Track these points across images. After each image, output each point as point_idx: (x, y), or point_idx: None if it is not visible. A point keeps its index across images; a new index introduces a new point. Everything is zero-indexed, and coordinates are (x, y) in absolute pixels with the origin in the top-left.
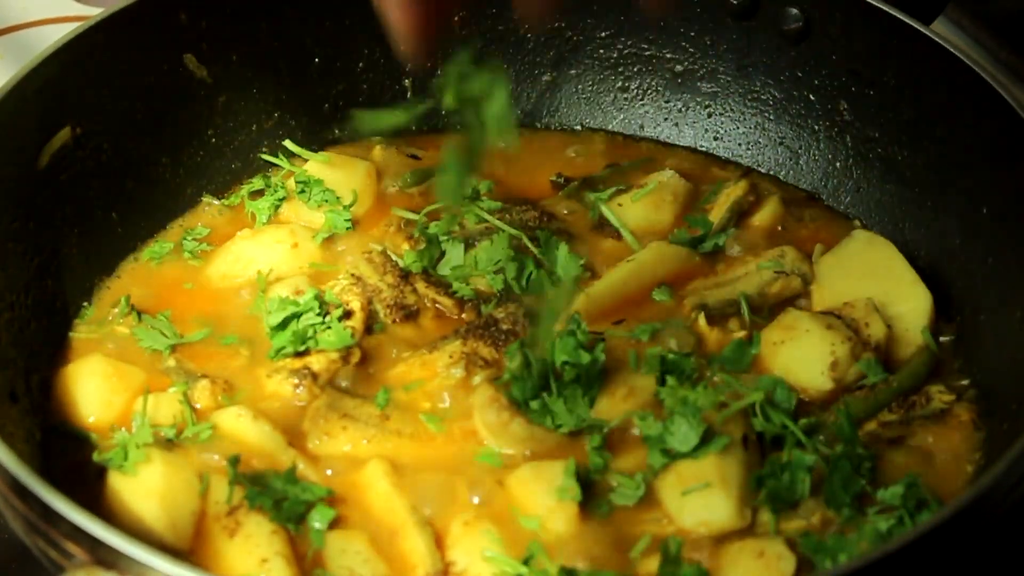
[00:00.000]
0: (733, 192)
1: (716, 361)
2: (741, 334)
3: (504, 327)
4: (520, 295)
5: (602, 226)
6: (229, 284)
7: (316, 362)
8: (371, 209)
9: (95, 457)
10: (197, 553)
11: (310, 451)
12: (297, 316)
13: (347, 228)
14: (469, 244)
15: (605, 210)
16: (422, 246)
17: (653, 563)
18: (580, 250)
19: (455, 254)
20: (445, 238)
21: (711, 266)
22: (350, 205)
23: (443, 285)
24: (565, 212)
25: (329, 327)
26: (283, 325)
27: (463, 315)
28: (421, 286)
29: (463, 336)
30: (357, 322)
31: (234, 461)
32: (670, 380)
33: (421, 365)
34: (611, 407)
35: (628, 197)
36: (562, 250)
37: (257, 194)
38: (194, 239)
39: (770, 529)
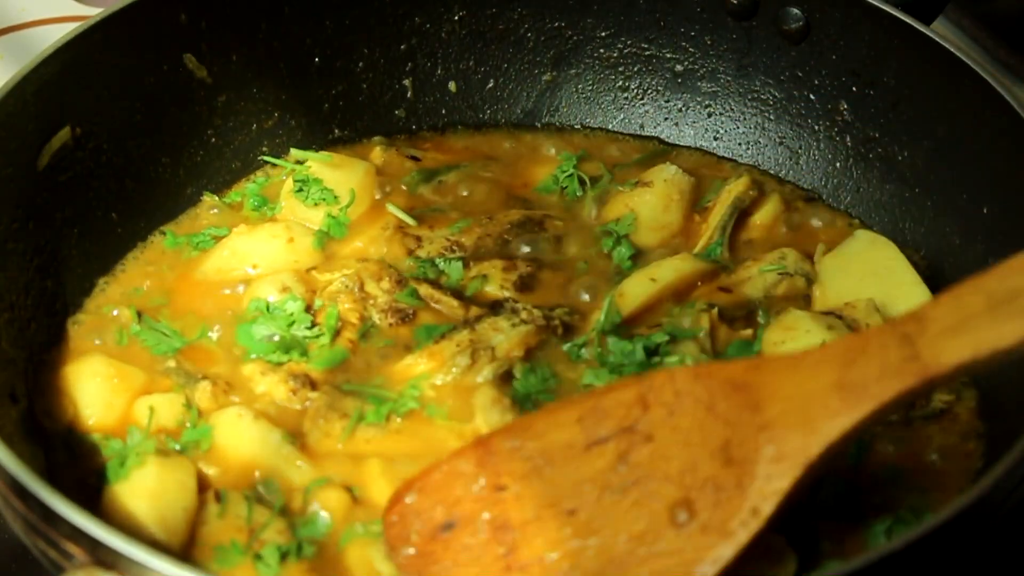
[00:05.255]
0: (735, 188)
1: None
2: (746, 334)
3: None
4: (520, 295)
5: (602, 226)
6: (224, 278)
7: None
8: (369, 209)
9: (95, 470)
10: (195, 552)
11: (310, 451)
12: (287, 326)
13: (344, 227)
14: (467, 259)
15: (608, 210)
16: (420, 262)
17: None
18: (580, 251)
19: (454, 273)
20: (442, 260)
21: (715, 273)
22: (348, 205)
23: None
24: (565, 212)
25: (320, 340)
26: (265, 338)
27: (468, 313)
28: (423, 288)
29: (471, 325)
30: (352, 332)
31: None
32: None
33: (428, 356)
34: None
35: (633, 197)
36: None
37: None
38: (210, 236)
39: None
